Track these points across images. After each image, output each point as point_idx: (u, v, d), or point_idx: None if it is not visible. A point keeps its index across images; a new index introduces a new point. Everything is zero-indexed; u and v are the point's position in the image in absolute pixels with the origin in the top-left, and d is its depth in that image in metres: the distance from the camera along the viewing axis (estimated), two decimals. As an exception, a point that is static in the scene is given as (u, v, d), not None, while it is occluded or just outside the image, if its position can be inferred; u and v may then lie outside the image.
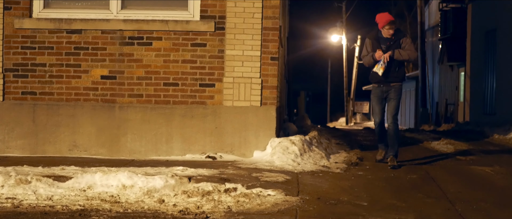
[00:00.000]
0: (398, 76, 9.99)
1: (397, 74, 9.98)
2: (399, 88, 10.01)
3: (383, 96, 10.04)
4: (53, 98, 10.22)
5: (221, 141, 10.12)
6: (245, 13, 10.07)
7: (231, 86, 10.12)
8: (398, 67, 9.92)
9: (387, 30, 9.81)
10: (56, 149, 10.13)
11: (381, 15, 9.85)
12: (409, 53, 9.87)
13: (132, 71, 10.19)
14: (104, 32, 10.18)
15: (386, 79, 9.93)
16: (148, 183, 7.67)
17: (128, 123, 10.17)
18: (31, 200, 7.20)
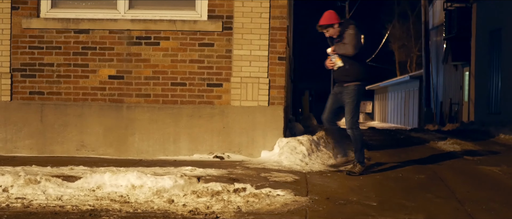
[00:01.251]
0: (349, 75, 9.06)
1: (348, 73, 9.07)
2: (352, 89, 9.06)
3: (337, 96, 9.24)
4: (60, 98, 10.24)
5: (228, 141, 10.14)
6: (252, 13, 10.08)
7: (238, 86, 10.13)
8: (348, 64, 9.04)
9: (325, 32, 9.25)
10: (63, 149, 10.15)
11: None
12: (344, 47, 8.99)
13: (140, 71, 10.21)
14: (112, 32, 10.20)
15: (338, 78, 9.21)
16: (157, 183, 7.69)
17: (136, 123, 10.18)
18: (41, 200, 7.22)
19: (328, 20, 9.08)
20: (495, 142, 15.15)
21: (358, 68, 9.05)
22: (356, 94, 9.05)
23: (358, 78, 9.06)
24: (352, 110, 9.05)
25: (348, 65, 9.03)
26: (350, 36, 8.97)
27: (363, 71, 9.10)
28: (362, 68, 9.09)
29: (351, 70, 9.04)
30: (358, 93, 9.07)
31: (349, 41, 8.95)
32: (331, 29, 9.09)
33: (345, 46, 8.96)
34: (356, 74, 9.05)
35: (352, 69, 9.03)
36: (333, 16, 9.12)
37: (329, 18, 9.10)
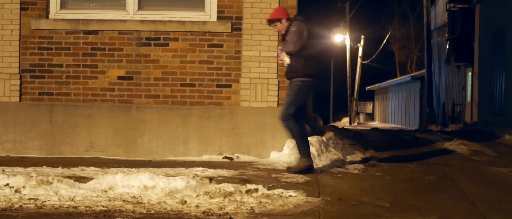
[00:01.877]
0: (293, 71, 9.02)
1: (292, 69, 9.04)
2: (294, 84, 9.01)
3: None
4: (70, 98, 10.25)
5: (238, 142, 10.16)
6: (262, 14, 10.10)
7: (248, 87, 10.15)
8: (294, 61, 9.00)
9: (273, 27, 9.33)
10: (73, 150, 10.17)
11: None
12: (287, 44, 8.99)
13: (149, 72, 10.23)
14: (121, 33, 10.22)
15: (286, 75, 9.18)
16: (169, 184, 7.70)
17: (145, 124, 10.20)
18: (54, 201, 7.23)
19: (275, 15, 9.12)
20: (500, 143, 15.17)
21: (303, 65, 8.98)
22: (298, 90, 9.01)
23: (302, 74, 9.00)
24: (289, 103, 9.01)
25: (293, 61, 9.03)
26: (291, 33, 8.94)
27: (309, 68, 9.01)
28: (307, 65, 9.00)
29: (296, 66, 9.01)
30: (301, 89, 9.01)
31: (289, 38, 8.93)
32: (279, 24, 9.11)
33: (287, 43, 8.96)
34: (300, 70, 9.00)
35: (297, 65, 8.99)
36: (280, 11, 9.16)
37: (276, 13, 9.14)
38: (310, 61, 8.98)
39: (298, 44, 8.87)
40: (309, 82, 9.02)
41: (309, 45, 9.00)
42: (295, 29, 8.91)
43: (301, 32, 8.90)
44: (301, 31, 8.91)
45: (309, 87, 9.06)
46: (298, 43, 8.87)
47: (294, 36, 8.90)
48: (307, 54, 8.97)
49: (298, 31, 8.91)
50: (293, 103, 8.99)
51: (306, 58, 8.97)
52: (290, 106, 8.98)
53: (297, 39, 8.86)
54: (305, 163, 8.97)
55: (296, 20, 9.06)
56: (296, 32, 8.90)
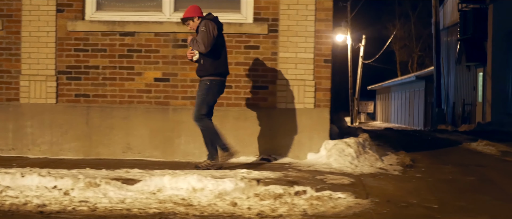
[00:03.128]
0: (202, 69, 9.26)
1: (201, 68, 9.27)
2: (203, 84, 9.22)
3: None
4: (106, 100, 10.31)
5: (274, 143, 10.22)
6: (298, 15, 10.16)
7: (284, 89, 10.21)
8: (203, 59, 9.21)
9: (186, 25, 9.48)
10: (110, 152, 10.22)
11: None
12: (197, 44, 9.14)
13: (186, 74, 10.29)
14: (157, 34, 10.28)
15: (196, 72, 9.42)
16: (218, 186, 7.76)
17: (182, 125, 10.26)
18: (104, 203, 7.29)
19: (188, 13, 9.30)
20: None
21: (211, 64, 9.18)
22: (207, 89, 9.19)
23: (210, 73, 9.19)
24: (199, 103, 9.20)
25: (202, 60, 9.22)
26: (201, 34, 9.10)
27: (217, 67, 9.22)
28: (215, 64, 9.21)
29: (205, 65, 9.21)
30: (210, 88, 9.20)
31: (200, 38, 9.09)
32: (191, 22, 9.30)
33: (197, 43, 9.12)
34: (208, 69, 9.19)
35: (206, 64, 9.20)
36: (193, 10, 9.34)
37: (189, 11, 9.32)
38: (218, 60, 9.21)
39: (208, 45, 9.08)
40: (218, 81, 9.26)
41: (219, 43, 9.22)
42: (204, 29, 9.09)
43: (210, 31, 9.08)
44: (210, 30, 9.08)
45: (218, 86, 9.29)
46: (208, 44, 9.08)
47: (204, 36, 9.07)
48: (217, 53, 9.20)
49: (207, 31, 9.08)
50: (204, 102, 9.20)
51: (214, 57, 9.18)
52: (201, 106, 9.21)
53: (207, 39, 9.06)
54: (228, 156, 9.32)
55: (206, 19, 9.22)
56: (205, 33, 9.08)
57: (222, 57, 9.27)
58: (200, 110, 9.19)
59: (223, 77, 9.32)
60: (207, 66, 9.19)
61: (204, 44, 9.05)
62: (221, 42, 9.28)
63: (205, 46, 9.05)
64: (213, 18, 9.24)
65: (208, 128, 9.24)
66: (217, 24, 9.22)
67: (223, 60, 9.29)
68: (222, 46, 9.31)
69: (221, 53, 9.25)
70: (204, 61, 9.19)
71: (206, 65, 9.19)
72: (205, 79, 9.22)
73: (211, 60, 9.17)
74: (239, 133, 10.25)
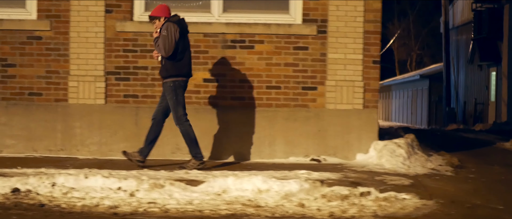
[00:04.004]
0: (163, 71, 9.41)
1: (163, 69, 9.40)
2: (167, 86, 9.34)
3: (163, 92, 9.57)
4: (155, 101, 10.40)
5: (324, 144, 10.33)
6: (347, 16, 10.28)
7: (333, 89, 10.32)
8: (164, 60, 9.34)
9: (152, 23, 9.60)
10: (159, 152, 10.31)
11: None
12: (159, 47, 9.27)
13: (235, 74, 10.39)
14: (206, 35, 10.38)
15: (159, 72, 9.56)
16: (283, 187, 7.86)
17: (231, 126, 10.38)
18: (173, 205, 7.40)
19: (155, 12, 9.43)
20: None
21: (172, 65, 9.29)
22: (173, 91, 9.29)
23: (171, 74, 9.30)
24: (174, 107, 9.32)
25: (164, 61, 9.35)
26: (162, 38, 9.23)
27: (178, 68, 9.31)
28: (177, 65, 9.30)
29: (166, 66, 9.34)
30: (175, 89, 9.30)
31: (161, 42, 9.23)
32: (157, 21, 9.41)
33: (159, 47, 9.26)
34: (170, 71, 9.31)
35: (167, 65, 9.32)
36: (160, 10, 9.44)
37: (157, 11, 9.44)
38: (180, 62, 9.33)
39: (169, 49, 9.21)
40: (180, 81, 9.39)
41: (181, 45, 9.31)
42: (166, 33, 9.21)
43: (171, 35, 9.20)
44: (172, 34, 9.20)
45: (181, 86, 9.39)
46: (169, 48, 9.21)
47: (165, 40, 9.19)
48: (178, 55, 9.29)
49: (168, 34, 9.20)
50: (177, 104, 9.32)
51: (176, 59, 9.31)
52: (177, 109, 9.34)
53: (168, 43, 9.18)
54: (200, 164, 9.38)
55: (168, 21, 9.33)
56: (166, 37, 9.21)
57: (185, 59, 9.39)
58: (177, 113, 9.34)
59: (185, 78, 9.44)
60: (169, 67, 9.32)
61: (165, 48, 9.20)
62: (185, 44, 9.42)
63: (166, 51, 9.21)
64: (177, 20, 9.38)
65: (187, 133, 9.39)
66: (181, 26, 9.35)
67: (186, 61, 9.41)
68: (186, 48, 9.44)
69: (184, 55, 9.37)
70: (166, 62, 9.34)
71: (168, 66, 9.32)
72: (168, 81, 9.34)
73: (173, 61, 9.31)
74: (289, 134, 10.35)
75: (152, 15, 9.40)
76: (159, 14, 9.39)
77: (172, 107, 9.32)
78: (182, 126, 9.35)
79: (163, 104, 9.48)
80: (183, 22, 9.40)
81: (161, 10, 9.42)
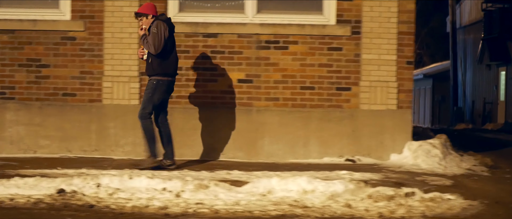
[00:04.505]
0: (149, 69, 9.50)
1: (149, 67, 9.51)
2: (151, 83, 9.43)
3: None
4: (189, 101, 10.48)
5: (358, 144, 10.43)
6: (381, 17, 10.39)
7: (367, 90, 10.42)
8: (151, 59, 9.43)
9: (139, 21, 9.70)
10: (193, 153, 10.41)
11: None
12: (148, 45, 9.36)
13: (269, 75, 10.48)
14: (241, 36, 10.47)
15: (145, 71, 9.69)
16: (328, 187, 7.94)
17: (265, 126, 10.47)
18: (221, 206, 7.48)
19: (143, 9, 9.52)
20: None
21: (159, 64, 9.38)
22: (154, 88, 9.39)
23: (158, 73, 9.39)
24: (145, 101, 9.41)
25: (151, 59, 9.43)
26: (152, 35, 9.32)
27: (165, 67, 9.41)
28: (164, 64, 9.41)
29: (153, 64, 9.42)
30: (157, 88, 9.39)
31: (150, 39, 9.31)
32: (145, 19, 9.48)
33: (148, 44, 9.34)
34: (156, 69, 9.39)
35: (154, 63, 9.40)
36: (148, 7, 9.53)
37: (144, 8, 9.54)
38: (166, 61, 9.44)
39: (158, 47, 9.30)
40: (165, 81, 9.47)
41: (169, 44, 9.42)
42: (156, 30, 9.30)
43: (162, 33, 9.30)
44: (162, 32, 9.30)
45: (165, 86, 9.49)
46: (158, 46, 9.30)
47: (155, 38, 9.28)
48: (166, 54, 9.39)
49: (158, 32, 9.29)
50: (149, 101, 9.40)
51: (163, 58, 9.40)
52: (147, 105, 9.42)
53: (158, 41, 9.27)
54: (154, 163, 9.43)
55: (158, 20, 9.42)
56: (156, 34, 9.29)
57: (171, 57, 9.49)
58: (145, 109, 9.43)
59: (171, 77, 9.55)
60: (155, 66, 9.41)
61: (155, 46, 9.28)
62: (171, 43, 9.52)
63: (155, 48, 9.29)
64: (165, 19, 9.49)
65: (147, 130, 9.46)
66: (169, 25, 9.45)
67: (172, 60, 9.51)
68: (173, 47, 9.54)
69: (170, 54, 9.48)
70: (153, 60, 9.42)
71: (154, 65, 9.41)
72: (152, 79, 9.45)
73: (160, 60, 9.40)
74: (323, 134, 10.44)
75: (140, 12, 9.49)
76: (146, 11, 9.48)
77: (144, 101, 9.44)
78: (144, 121, 9.42)
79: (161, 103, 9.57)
80: (170, 21, 9.52)
81: (149, 8, 9.52)
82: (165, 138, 9.64)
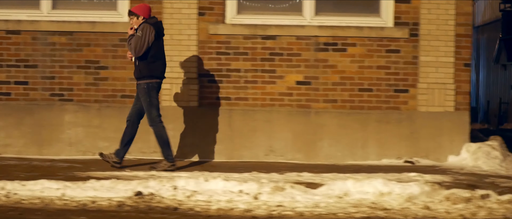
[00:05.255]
0: (136, 71, 9.64)
1: (136, 69, 9.64)
2: (141, 88, 9.57)
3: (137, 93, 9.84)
4: (248, 103, 10.68)
5: (416, 146, 10.62)
6: (438, 20, 10.58)
7: (425, 92, 10.59)
8: (138, 61, 9.57)
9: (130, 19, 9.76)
10: (252, 154, 10.59)
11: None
12: (130, 46, 9.46)
13: (327, 77, 10.67)
14: (299, 38, 10.65)
15: (134, 73, 9.77)
16: (405, 189, 8.11)
17: (324, 128, 10.66)
18: (303, 208, 7.68)
19: (135, 9, 9.62)
20: None
21: (146, 66, 9.51)
22: (147, 93, 9.53)
23: (144, 76, 9.53)
24: (148, 108, 9.57)
25: (138, 61, 9.57)
26: (135, 38, 9.43)
27: (152, 70, 9.53)
28: (151, 67, 9.53)
29: (140, 67, 9.56)
30: (149, 91, 9.53)
31: (133, 42, 9.43)
32: (135, 18, 9.60)
33: (130, 46, 9.48)
34: (144, 72, 9.52)
35: (141, 66, 9.55)
36: (140, 8, 9.63)
37: (137, 8, 9.64)
38: (154, 64, 9.59)
39: (139, 51, 9.44)
40: (154, 83, 9.60)
41: (156, 47, 9.55)
42: (140, 34, 9.41)
43: (146, 37, 9.41)
44: (146, 36, 9.42)
45: (155, 88, 9.61)
46: (139, 49, 9.41)
47: (138, 41, 9.38)
48: (152, 56, 9.51)
49: (142, 36, 9.39)
50: (151, 106, 9.57)
51: (150, 61, 9.53)
52: (151, 110, 9.59)
53: (140, 45, 9.40)
54: (166, 165, 9.63)
55: (148, 22, 9.54)
56: (140, 38, 9.41)
57: (158, 61, 9.62)
58: (151, 115, 9.60)
59: (159, 79, 9.68)
60: (142, 69, 9.53)
61: (135, 49, 9.41)
62: (160, 46, 9.66)
63: (136, 51, 9.43)
64: (154, 23, 9.60)
65: (159, 135, 9.66)
66: (158, 29, 9.57)
67: (159, 63, 9.65)
68: (161, 50, 9.68)
69: (158, 56, 9.61)
70: (140, 63, 9.56)
71: (141, 67, 9.54)
72: (141, 83, 9.56)
73: (147, 63, 9.52)
74: (381, 136, 10.62)
75: (132, 10, 9.61)
76: (138, 12, 9.58)
77: (146, 109, 9.59)
78: (156, 127, 9.62)
79: (138, 105, 9.74)
80: (159, 25, 9.66)
81: (141, 9, 9.62)
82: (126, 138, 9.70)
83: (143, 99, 9.56)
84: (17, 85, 10.82)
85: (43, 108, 10.79)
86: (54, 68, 10.78)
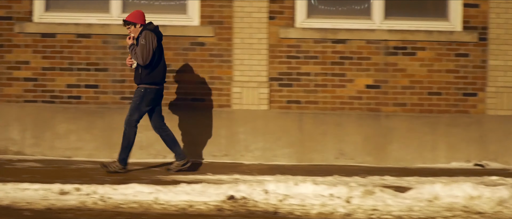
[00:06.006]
0: (137, 77, 9.79)
1: (137, 75, 9.79)
2: (139, 91, 9.72)
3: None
4: (318, 107, 10.89)
5: (484, 150, 10.88)
6: (507, 24, 10.93)
7: (494, 96, 10.86)
8: (140, 68, 9.72)
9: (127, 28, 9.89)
10: (322, 158, 10.82)
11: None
12: (136, 56, 9.64)
13: (396, 81, 10.87)
14: (369, 42, 10.87)
15: (134, 78, 9.96)
16: (494, 193, 8.37)
17: (394, 131, 10.89)
18: (398, 212, 7.89)
19: (132, 18, 9.73)
20: None
21: (147, 73, 9.68)
22: (141, 96, 9.69)
23: (145, 82, 9.70)
24: (132, 109, 9.72)
25: (140, 69, 9.74)
26: (140, 47, 9.59)
27: (153, 76, 9.70)
28: (152, 74, 9.70)
29: (141, 74, 9.73)
30: (144, 96, 9.69)
31: (139, 51, 9.59)
32: (133, 27, 9.73)
33: (136, 55, 9.63)
34: (144, 78, 9.70)
35: (142, 73, 9.71)
36: (136, 16, 9.75)
37: (133, 16, 9.75)
38: (154, 70, 9.74)
39: (146, 58, 9.60)
40: (153, 89, 9.75)
41: (157, 52, 9.74)
42: (144, 42, 9.57)
43: (150, 44, 9.58)
44: (150, 43, 9.59)
45: (153, 94, 9.77)
46: (147, 57, 9.59)
47: (143, 49, 9.56)
48: (155, 63, 9.67)
49: (147, 44, 9.58)
50: (136, 109, 9.73)
51: (150, 68, 9.70)
52: (134, 112, 9.75)
53: (146, 53, 9.56)
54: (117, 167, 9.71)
55: (146, 29, 9.69)
56: (144, 46, 9.57)
57: (159, 66, 9.78)
58: (131, 116, 9.74)
59: (159, 86, 9.84)
60: (143, 75, 9.71)
61: (143, 57, 9.57)
62: (159, 52, 9.80)
63: (144, 60, 9.59)
64: (153, 29, 9.76)
65: (127, 136, 9.73)
66: (157, 35, 9.76)
67: (160, 69, 9.81)
68: (161, 56, 9.83)
69: (158, 63, 9.77)
70: (142, 70, 9.72)
71: (142, 74, 9.71)
72: (141, 87, 9.74)
73: (148, 70, 9.70)
74: (450, 139, 10.86)
75: (128, 20, 9.69)
76: (135, 20, 9.69)
77: (131, 109, 9.74)
78: (128, 129, 9.71)
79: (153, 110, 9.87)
80: (158, 30, 9.81)
81: (137, 16, 9.73)
82: (170, 141, 10.00)
83: (134, 100, 9.73)
84: (87, 89, 11.06)
85: (114, 111, 10.99)
86: (125, 72, 11.00)
